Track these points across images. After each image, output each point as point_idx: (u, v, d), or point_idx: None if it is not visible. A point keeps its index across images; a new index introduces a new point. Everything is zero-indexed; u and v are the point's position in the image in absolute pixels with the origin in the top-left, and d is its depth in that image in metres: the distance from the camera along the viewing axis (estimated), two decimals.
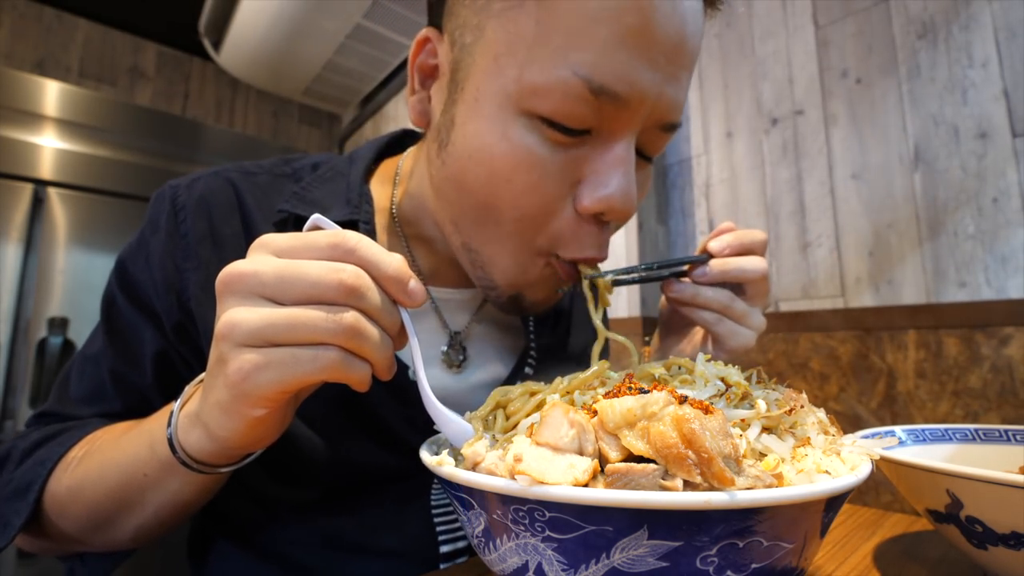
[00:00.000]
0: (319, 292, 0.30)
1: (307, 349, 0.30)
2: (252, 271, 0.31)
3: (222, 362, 0.31)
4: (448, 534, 0.52)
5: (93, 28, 2.59)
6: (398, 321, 0.34)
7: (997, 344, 0.97)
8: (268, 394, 0.30)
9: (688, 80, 0.44)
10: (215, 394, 0.32)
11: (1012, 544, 0.33)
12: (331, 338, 0.30)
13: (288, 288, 0.30)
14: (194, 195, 0.52)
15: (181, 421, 0.37)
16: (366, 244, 0.32)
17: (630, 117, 0.40)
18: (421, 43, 0.47)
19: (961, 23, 1.06)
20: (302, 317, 0.30)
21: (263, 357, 0.30)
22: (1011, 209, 0.99)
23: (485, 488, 0.26)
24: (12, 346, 1.58)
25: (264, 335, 0.30)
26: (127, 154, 1.87)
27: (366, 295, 0.31)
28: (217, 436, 0.34)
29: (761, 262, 0.49)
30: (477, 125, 0.41)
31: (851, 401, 1.14)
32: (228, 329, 0.30)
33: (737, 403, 0.32)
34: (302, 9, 2.01)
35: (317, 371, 0.30)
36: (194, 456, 0.36)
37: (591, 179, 0.41)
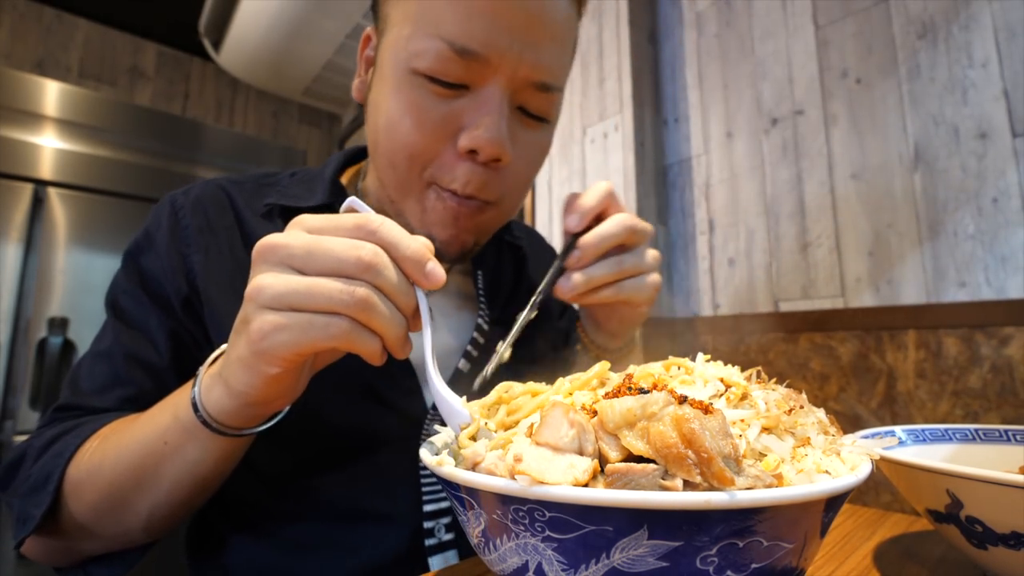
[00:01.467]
0: (339, 266, 0.34)
1: (322, 316, 0.33)
2: (284, 243, 0.35)
3: (246, 321, 0.35)
4: (432, 494, 0.56)
5: (93, 28, 2.59)
6: (413, 301, 0.37)
7: (997, 344, 0.97)
8: (283, 354, 0.34)
9: (556, 46, 0.51)
10: (237, 350, 0.36)
11: (1012, 544, 0.33)
12: (343, 308, 0.33)
13: (313, 261, 0.34)
14: (190, 198, 0.59)
15: (205, 381, 0.39)
16: (389, 226, 0.36)
17: (494, 73, 0.49)
18: (365, 40, 0.59)
19: (961, 23, 1.07)
20: (320, 286, 0.33)
21: (282, 319, 0.33)
22: (1011, 209, 0.99)
23: (485, 488, 0.26)
24: (12, 346, 1.58)
25: (286, 300, 0.33)
26: (127, 154, 1.87)
27: (382, 272, 0.34)
28: (236, 391, 0.36)
29: (621, 219, 0.51)
30: (382, 87, 0.52)
31: (851, 401, 1.15)
32: (255, 292, 0.34)
33: (737, 403, 0.31)
34: (302, 9, 2.01)
35: (328, 337, 0.33)
36: (215, 415, 0.39)
37: (467, 124, 0.50)
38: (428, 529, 0.55)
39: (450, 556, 0.56)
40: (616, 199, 0.54)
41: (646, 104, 1.60)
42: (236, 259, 0.55)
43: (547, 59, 0.50)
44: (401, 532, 0.54)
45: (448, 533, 0.56)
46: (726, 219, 1.45)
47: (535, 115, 0.53)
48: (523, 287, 0.73)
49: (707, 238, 1.49)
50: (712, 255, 1.47)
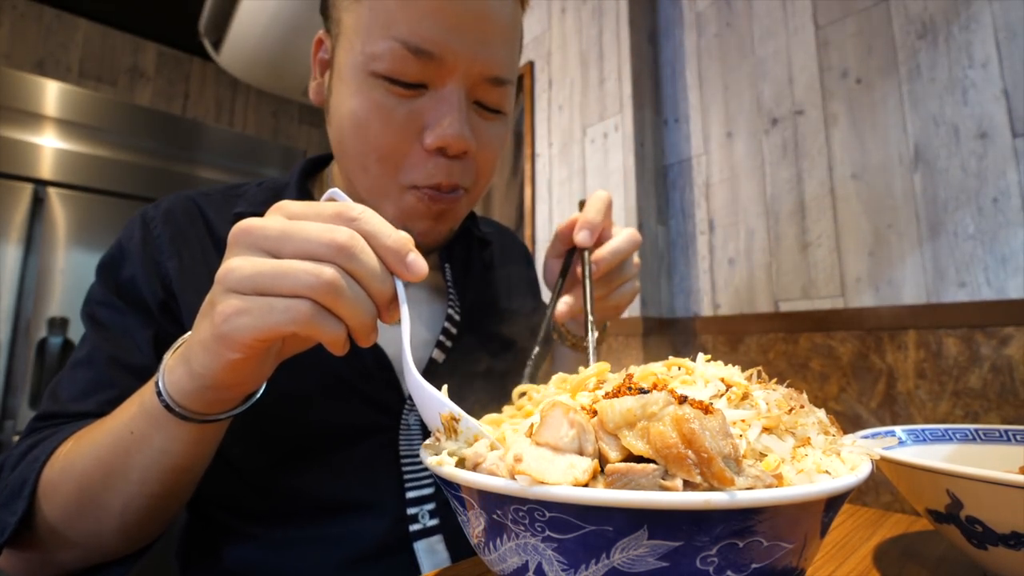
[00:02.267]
0: (311, 249, 0.33)
1: (283, 300, 0.32)
2: (260, 226, 0.34)
3: (211, 304, 0.34)
4: (414, 481, 0.57)
5: (93, 28, 2.59)
6: (389, 291, 0.35)
7: (997, 344, 0.97)
8: (243, 339, 0.32)
9: (505, 42, 0.54)
10: (200, 333, 0.35)
11: (1012, 544, 0.33)
12: (307, 291, 0.32)
13: (286, 244, 0.33)
14: (160, 210, 0.59)
15: (168, 363, 0.39)
16: (369, 215, 0.35)
17: (450, 71, 0.51)
18: (318, 43, 0.61)
19: (961, 23, 1.07)
20: (286, 268, 0.32)
21: (244, 303, 0.32)
22: (1011, 209, 0.99)
23: (485, 488, 0.26)
24: (12, 346, 1.58)
25: (252, 282, 0.32)
26: (127, 154, 1.87)
27: (357, 257, 0.33)
28: (196, 373, 0.36)
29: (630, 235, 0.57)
30: (342, 90, 0.53)
31: (851, 401, 1.15)
32: (224, 274, 0.33)
33: (738, 403, 0.31)
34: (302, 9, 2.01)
35: (288, 322, 0.32)
36: (177, 399, 0.38)
37: (430, 122, 0.51)
38: (412, 515, 0.56)
39: (435, 541, 0.57)
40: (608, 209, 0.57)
41: (646, 104, 1.60)
42: (209, 265, 0.56)
43: (498, 55, 0.53)
44: (385, 520, 0.55)
45: (432, 519, 0.57)
46: (726, 219, 1.45)
47: (491, 108, 0.56)
48: (492, 279, 0.75)
49: (707, 238, 1.49)
50: (712, 255, 1.47)
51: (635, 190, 1.52)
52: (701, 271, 1.49)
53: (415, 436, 0.60)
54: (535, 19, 1.96)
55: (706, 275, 1.48)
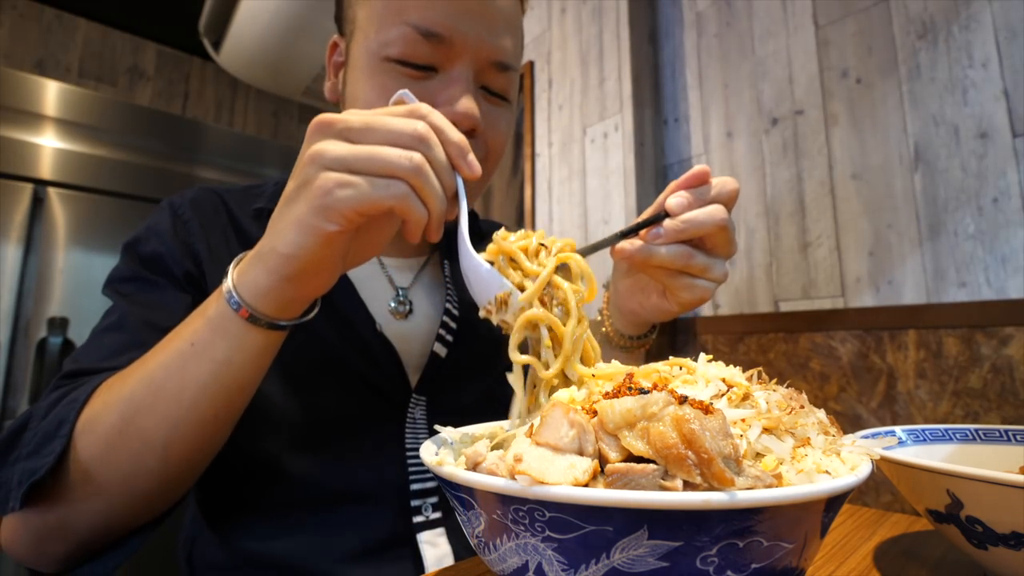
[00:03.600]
0: (395, 138, 0.36)
1: (382, 179, 0.36)
2: (342, 118, 0.37)
3: (306, 183, 0.36)
4: (418, 474, 0.59)
5: (93, 28, 2.59)
6: (454, 184, 0.40)
7: (997, 344, 0.97)
8: (345, 210, 0.35)
9: (508, 30, 0.57)
10: (292, 214, 0.37)
11: (1012, 544, 0.33)
12: (402, 173, 0.36)
13: (370, 134, 0.37)
14: (186, 199, 0.62)
15: (240, 267, 0.41)
16: (438, 114, 0.39)
17: (459, 54, 0.54)
18: (332, 47, 0.66)
19: (961, 23, 1.06)
20: (380, 152, 0.36)
21: (345, 178, 0.35)
22: (1011, 209, 0.99)
23: (485, 488, 0.26)
24: (12, 346, 1.58)
25: (347, 163, 0.36)
26: (127, 154, 1.87)
27: (434, 148, 0.37)
28: (283, 256, 0.37)
29: (719, 212, 0.47)
30: (357, 78, 0.57)
31: (851, 401, 1.15)
32: (316, 155, 0.36)
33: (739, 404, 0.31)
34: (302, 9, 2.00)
35: (389, 197, 0.36)
36: (250, 298, 0.39)
37: (440, 101, 0.54)
38: (415, 507, 0.57)
39: (437, 534, 0.57)
40: (734, 200, 0.50)
41: (646, 104, 1.60)
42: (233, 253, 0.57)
43: (503, 41, 0.56)
44: (388, 511, 0.56)
45: (435, 512, 0.58)
46: None
47: (497, 93, 0.58)
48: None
49: None
50: None
51: (635, 190, 1.52)
52: None
53: (420, 430, 0.61)
54: (535, 19, 1.96)
55: None
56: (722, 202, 0.48)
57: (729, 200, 0.49)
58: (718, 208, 0.47)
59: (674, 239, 0.47)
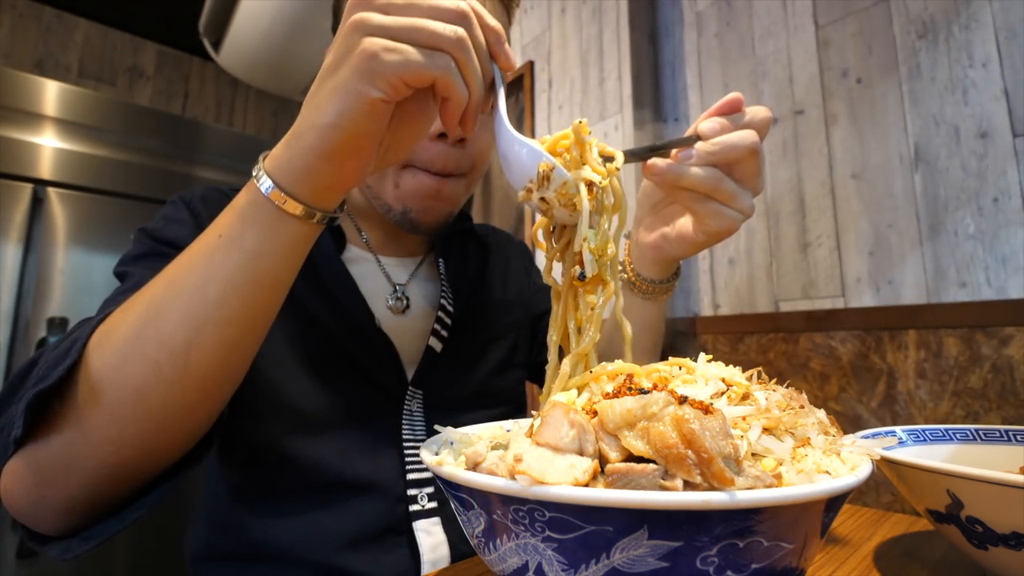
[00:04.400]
0: (438, 14, 0.36)
1: (426, 49, 0.35)
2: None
3: (349, 50, 0.35)
4: (415, 463, 0.60)
5: (93, 28, 2.59)
6: (491, 71, 0.40)
7: (997, 344, 0.97)
8: (390, 76, 0.34)
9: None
10: (336, 80, 0.36)
11: (1012, 544, 0.33)
12: (447, 45, 0.35)
13: (412, 8, 0.36)
14: (196, 195, 0.64)
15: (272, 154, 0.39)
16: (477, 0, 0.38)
17: None
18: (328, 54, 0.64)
19: (961, 23, 1.06)
20: (423, 22, 0.35)
21: (390, 44, 0.34)
22: (1011, 209, 0.99)
23: (485, 488, 0.26)
24: (12, 346, 1.58)
25: (391, 32, 0.35)
26: (127, 154, 1.87)
27: (475, 28, 0.37)
28: (323, 125, 0.36)
29: (751, 136, 0.47)
30: None
31: (851, 401, 1.14)
32: (359, 23, 0.35)
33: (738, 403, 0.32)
34: (302, 9, 2.00)
35: (433, 67, 0.35)
36: (283, 180, 0.37)
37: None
38: (412, 496, 0.59)
39: (433, 523, 0.58)
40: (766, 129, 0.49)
41: (646, 104, 1.60)
42: None
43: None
44: (385, 500, 0.57)
45: (431, 501, 0.59)
46: None
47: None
48: (487, 272, 0.77)
49: None
50: (712, 255, 1.47)
51: (635, 190, 1.52)
52: (701, 271, 1.49)
53: (417, 422, 0.62)
54: (535, 19, 1.96)
55: (706, 275, 1.48)
56: (754, 128, 0.48)
57: (761, 127, 0.49)
58: (750, 132, 0.47)
59: (705, 161, 0.47)
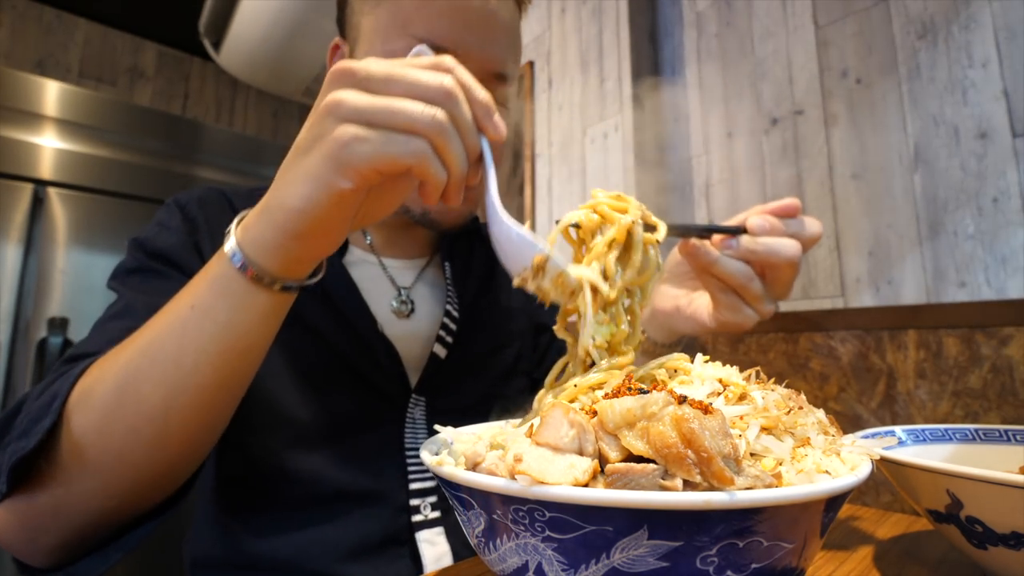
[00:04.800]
0: (420, 91, 0.34)
1: (401, 135, 0.33)
2: (363, 66, 0.35)
3: (321, 135, 0.34)
4: (417, 472, 0.59)
5: (93, 28, 2.59)
6: (478, 146, 0.37)
7: (997, 344, 0.97)
8: (360, 166, 0.33)
9: (510, 42, 0.59)
10: (303, 166, 0.35)
11: (1012, 544, 0.33)
12: (424, 128, 0.33)
13: (392, 85, 0.34)
14: (193, 197, 0.62)
15: (244, 222, 0.38)
16: (463, 69, 0.36)
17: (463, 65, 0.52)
18: (334, 49, 0.65)
19: (961, 23, 1.06)
20: (402, 105, 0.33)
21: (363, 132, 0.33)
22: (1011, 209, 0.99)
23: (485, 488, 0.26)
24: (12, 346, 1.58)
25: (365, 116, 0.33)
26: (127, 154, 1.87)
27: (460, 104, 0.35)
28: (291, 210, 0.35)
29: (795, 248, 0.47)
30: None
31: (851, 401, 1.14)
32: (334, 106, 0.34)
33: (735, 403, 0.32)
34: (302, 9, 2.00)
35: (408, 154, 0.33)
36: (254, 255, 0.37)
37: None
38: (414, 506, 0.58)
39: (436, 533, 0.58)
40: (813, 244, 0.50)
41: (646, 104, 1.60)
42: None
43: (503, 52, 0.57)
44: (387, 510, 0.56)
45: (434, 511, 0.59)
46: (726, 219, 1.44)
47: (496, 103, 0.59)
48: (494, 277, 0.76)
49: None
50: None
51: (635, 191, 1.52)
52: None
53: (420, 430, 0.61)
54: (535, 19, 1.96)
55: None
56: (803, 241, 0.48)
57: (809, 241, 0.49)
58: (795, 244, 0.47)
59: (744, 257, 0.47)
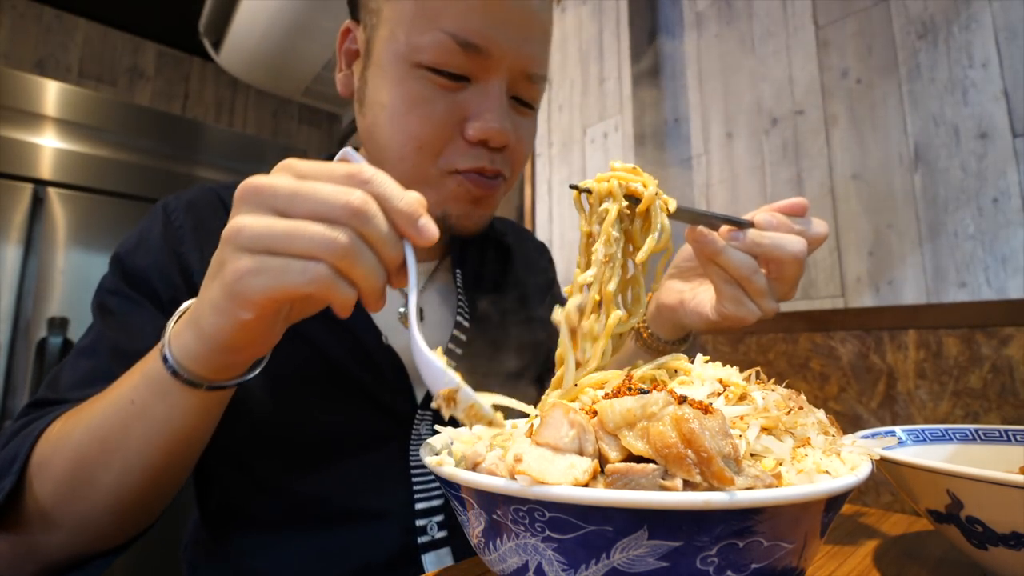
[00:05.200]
0: (325, 211, 0.32)
1: (299, 261, 0.31)
2: (268, 184, 0.33)
3: (221, 263, 0.33)
4: (424, 492, 0.57)
5: (93, 28, 2.59)
6: (399, 256, 0.35)
7: (997, 344, 0.97)
8: (257, 299, 0.32)
9: (544, 40, 0.56)
10: (210, 293, 0.34)
11: (1012, 544, 0.33)
12: (323, 253, 0.31)
13: (298, 203, 0.32)
14: (182, 201, 0.59)
15: (175, 329, 0.38)
16: (382, 177, 0.34)
17: (495, 65, 0.52)
18: (345, 33, 0.60)
19: (961, 23, 1.06)
20: (301, 229, 0.31)
21: (258, 262, 0.31)
22: (1011, 209, 0.99)
23: (485, 488, 0.26)
24: (12, 346, 1.58)
25: (264, 242, 0.31)
26: (127, 154, 1.87)
27: (371, 221, 0.32)
28: (206, 334, 0.35)
29: (800, 244, 0.46)
30: (381, 80, 0.53)
31: (851, 401, 1.14)
32: (233, 233, 0.32)
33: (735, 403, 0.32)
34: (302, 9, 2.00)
35: (305, 283, 0.31)
36: (184, 363, 0.37)
37: (473, 115, 0.52)
38: (420, 527, 0.56)
39: (443, 554, 0.56)
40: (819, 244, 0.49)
41: (646, 104, 1.60)
42: None
43: (537, 51, 0.55)
44: (393, 531, 0.54)
45: (441, 531, 0.57)
46: None
47: (525, 102, 0.57)
48: (506, 284, 0.72)
49: None
50: None
51: None
52: None
53: None
54: None
55: None
56: (808, 240, 0.47)
57: (815, 241, 0.48)
58: (800, 241, 0.47)
59: (749, 249, 0.47)
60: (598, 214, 0.41)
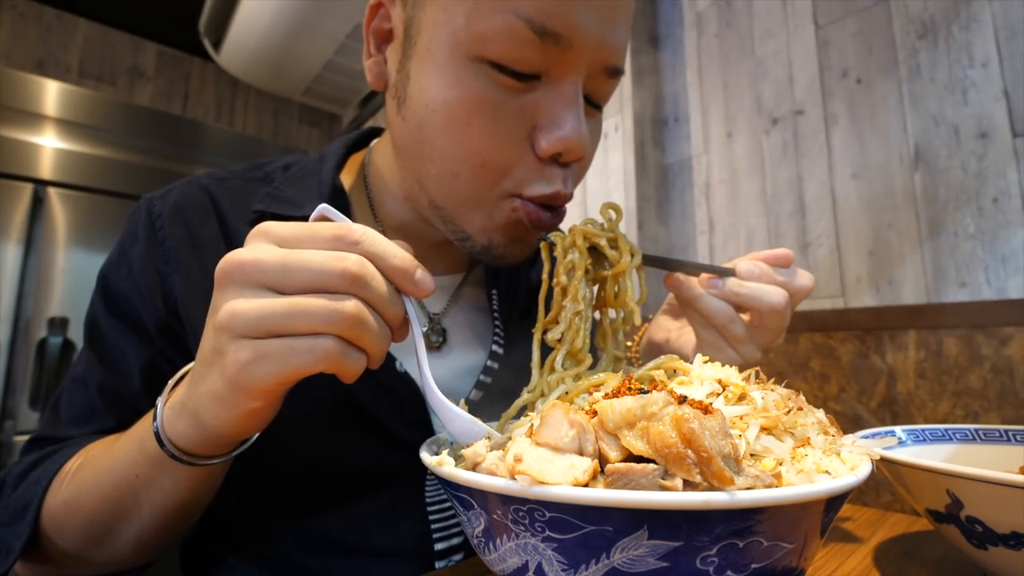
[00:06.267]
0: (322, 281, 0.30)
1: (305, 339, 0.29)
2: (253, 259, 0.30)
3: (219, 353, 0.30)
4: (443, 531, 0.52)
5: (93, 28, 2.59)
6: (401, 312, 0.34)
7: (997, 344, 0.97)
8: (265, 387, 0.30)
9: (627, 26, 0.45)
10: (209, 384, 0.32)
11: (1012, 544, 0.33)
12: (331, 327, 0.30)
13: (291, 277, 0.30)
14: (168, 203, 0.52)
15: (166, 413, 0.36)
16: (371, 235, 0.32)
17: (575, 59, 0.41)
18: (374, 8, 0.48)
19: (961, 23, 1.06)
20: (302, 306, 0.29)
21: (260, 349, 0.29)
22: (1011, 209, 0.99)
23: (485, 488, 0.26)
24: (12, 346, 1.58)
25: (264, 326, 0.29)
26: (127, 154, 1.87)
27: (370, 284, 0.31)
28: (207, 425, 0.33)
29: (781, 296, 0.45)
30: (431, 75, 0.42)
31: (851, 401, 1.14)
32: (227, 320, 0.29)
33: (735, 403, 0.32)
34: (302, 9, 2.00)
35: (314, 362, 0.30)
36: (182, 447, 0.35)
37: (545, 123, 0.42)
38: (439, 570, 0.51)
39: None
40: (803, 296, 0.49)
41: (646, 104, 1.60)
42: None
43: (622, 40, 0.44)
44: (409, 570, 0.50)
45: None
46: (726, 219, 1.45)
47: (596, 103, 0.47)
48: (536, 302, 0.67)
49: (707, 238, 1.49)
50: (712, 255, 1.47)
51: (635, 190, 1.52)
52: None
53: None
54: None
55: None
56: (791, 292, 0.47)
57: (798, 293, 0.47)
58: (781, 293, 0.46)
59: (727, 298, 0.46)
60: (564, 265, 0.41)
